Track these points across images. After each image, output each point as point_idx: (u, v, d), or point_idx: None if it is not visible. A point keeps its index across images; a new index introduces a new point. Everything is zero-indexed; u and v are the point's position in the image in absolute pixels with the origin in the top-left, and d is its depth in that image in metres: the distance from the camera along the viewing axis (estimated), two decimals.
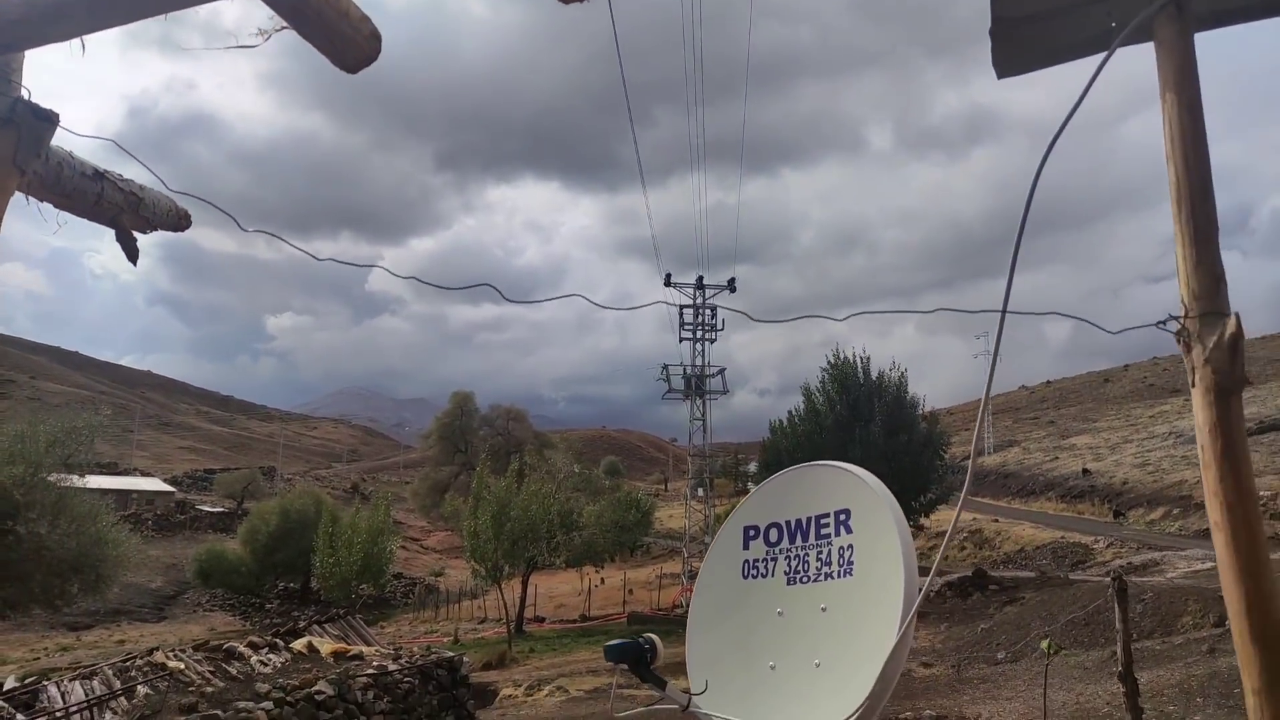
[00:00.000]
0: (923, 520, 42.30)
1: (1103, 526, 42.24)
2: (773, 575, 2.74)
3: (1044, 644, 5.22)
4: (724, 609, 2.82)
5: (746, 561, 2.82)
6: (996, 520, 47.98)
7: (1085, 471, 57.28)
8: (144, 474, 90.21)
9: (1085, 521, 45.65)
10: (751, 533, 2.85)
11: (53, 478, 19.75)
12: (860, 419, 34.40)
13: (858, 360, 37.45)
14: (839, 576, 2.56)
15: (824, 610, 2.54)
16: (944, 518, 47.62)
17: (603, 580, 46.25)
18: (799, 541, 2.71)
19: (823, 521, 2.66)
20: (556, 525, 35.45)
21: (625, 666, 2.05)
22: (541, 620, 38.01)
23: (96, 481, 39.33)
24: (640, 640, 2.05)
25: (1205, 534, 38.99)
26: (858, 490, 2.61)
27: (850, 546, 2.56)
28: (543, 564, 37.69)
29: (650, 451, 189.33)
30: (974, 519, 49.12)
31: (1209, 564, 26.11)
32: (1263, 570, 1.17)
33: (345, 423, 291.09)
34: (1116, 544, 34.44)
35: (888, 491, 2.54)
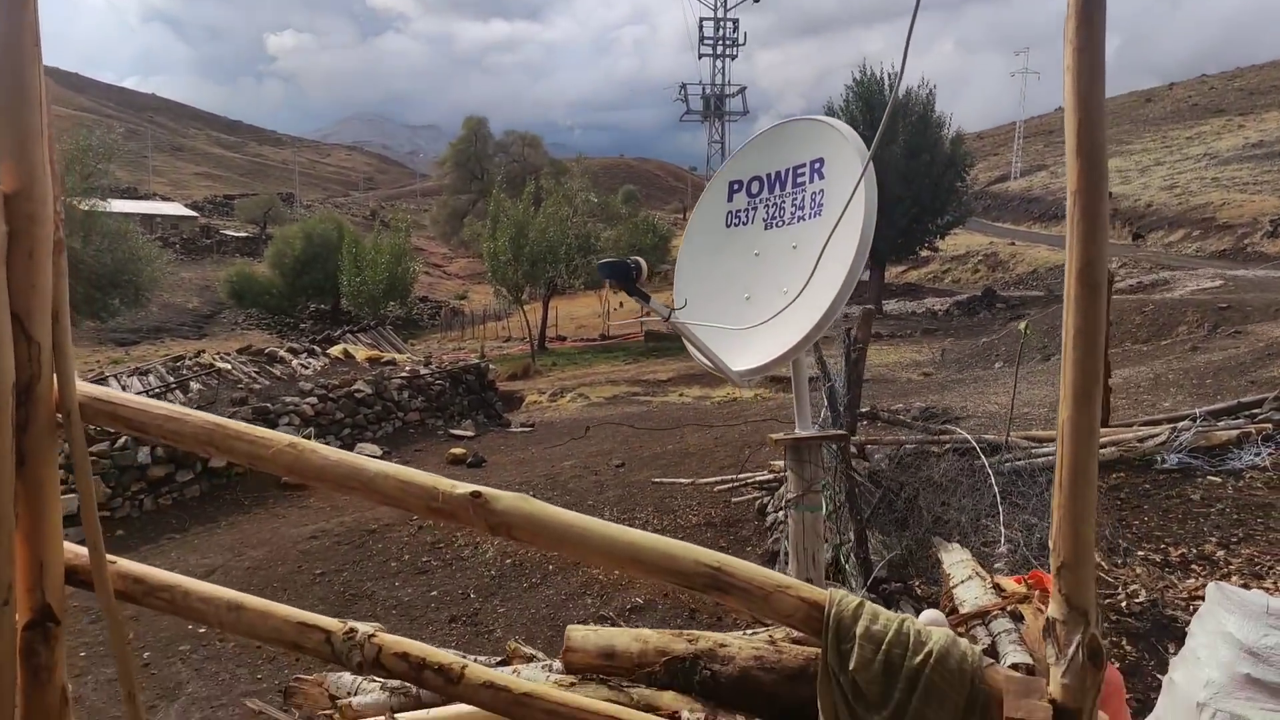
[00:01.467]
0: (938, 243, 42.53)
1: (1119, 249, 42.39)
2: (752, 223, 3.02)
3: (1022, 325, 5.61)
4: (708, 254, 3.13)
5: (730, 212, 3.09)
6: (1013, 244, 48.20)
7: (1109, 195, 56.59)
8: (164, 199, 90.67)
9: None
10: (735, 186, 3.08)
11: (75, 200, 20.14)
12: (883, 138, 33.67)
13: (885, 77, 35.95)
14: (809, 218, 2.83)
15: (794, 248, 2.83)
16: (959, 241, 47.85)
17: (620, 304, 47.58)
18: (777, 191, 2.95)
19: (799, 171, 2.88)
20: (574, 249, 36.02)
21: (616, 281, 2.35)
22: (563, 339, 39.69)
23: (119, 205, 39.83)
24: (628, 260, 2.34)
25: (1222, 254, 39.10)
26: (833, 140, 2.82)
27: (821, 191, 2.80)
28: (563, 287, 38.72)
29: (669, 181, 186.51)
30: (990, 243, 49.35)
31: (1218, 282, 26.48)
32: (1097, 127, 1.41)
33: (359, 150, 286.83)
34: (1130, 264, 34.80)
35: (859, 139, 2.74)
